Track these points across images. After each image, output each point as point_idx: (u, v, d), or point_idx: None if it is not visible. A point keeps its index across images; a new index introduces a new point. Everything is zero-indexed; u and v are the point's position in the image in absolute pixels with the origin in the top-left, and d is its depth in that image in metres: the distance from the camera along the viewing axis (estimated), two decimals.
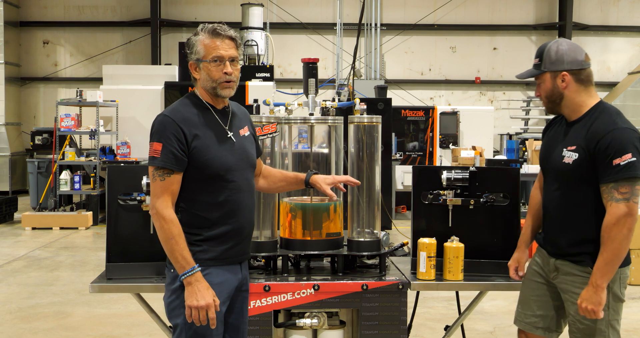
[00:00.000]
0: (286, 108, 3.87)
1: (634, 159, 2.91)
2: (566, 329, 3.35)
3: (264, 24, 15.13)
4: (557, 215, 3.22)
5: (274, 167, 3.61)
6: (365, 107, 3.88)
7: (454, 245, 3.56)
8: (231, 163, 2.91)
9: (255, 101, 4.24)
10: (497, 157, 13.41)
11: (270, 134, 3.58)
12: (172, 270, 2.89)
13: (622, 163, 2.91)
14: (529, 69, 3.26)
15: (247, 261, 3.13)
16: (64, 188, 11.78)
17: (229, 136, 2.95)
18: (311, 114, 3.80)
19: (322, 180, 3.35)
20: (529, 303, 3.43)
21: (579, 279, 3.14)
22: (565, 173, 3.12)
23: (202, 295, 2.78)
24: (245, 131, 3.05)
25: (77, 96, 12.31)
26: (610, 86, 17.60)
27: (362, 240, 3.64)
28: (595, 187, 3.03)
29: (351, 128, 3.71)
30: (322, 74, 16.86)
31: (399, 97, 17.20)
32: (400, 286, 3.49)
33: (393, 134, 12.20)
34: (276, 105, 3.86)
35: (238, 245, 2.97)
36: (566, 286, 3.21)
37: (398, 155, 13.20)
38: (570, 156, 3.09)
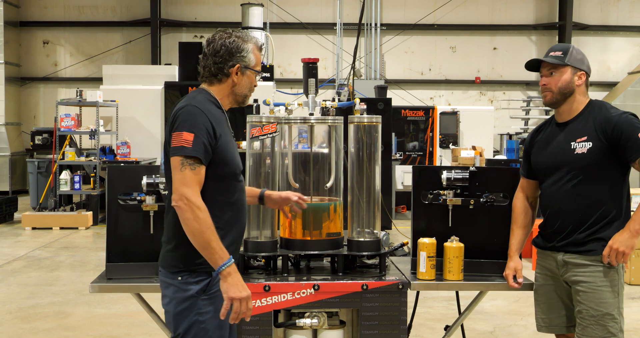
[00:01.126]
0: (286, 108, 3.87)
1: None
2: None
3: (264, 24, 15.13)
4: (572, 208, 3.31)
5: (274, 167, 3.62)
6: (365, 107, 3.88)
7: (454, 245, 3.56)
8: (240, 163, 2.95)
9: (256, 101, 4.24)
10: (497, 157, 13.43)
11: (270, 134, 3.58)
12: (179, 278, 2.80)
13: None
14: (549, 57, 3.37)
15: None
16: (64, 188, 11.78)
17: (233, 136, 3.00)
18: (311, 114, 3.80)
19: (275, 196, 3.33)
20: (553, 307, 3.48)
21: (591, 268, 3.28)
22: (581, 163, 3.28)
23: (243, 286, 2.72)
24: None
25: (77, 96, 12.31)
26: (610, 85, 17.61)
27: (362, 239, 3.64)
28: (611, 174, 3.25)
29: (351, 127, 3.71)
30: (322, 74, 16.86)
31: (399, 97, 17.20)
32: (400, 286, 3.49)
33: (393, 134, 12.20)
34: (276, 105, 3.85)
35: (238, 243, 3.02)
36: (577, 278, 3.30)
37: (398, 155, 13.20)
38: (583, 146, 3.28)
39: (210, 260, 2.70)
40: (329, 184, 3.67)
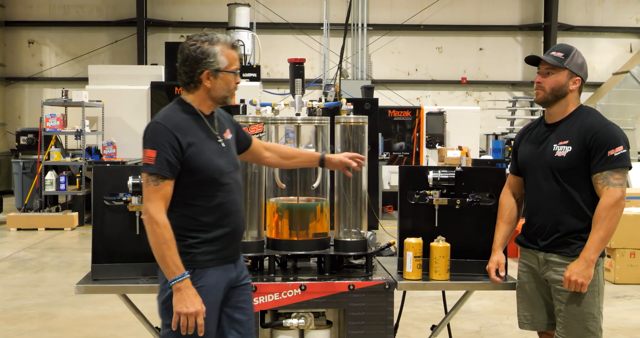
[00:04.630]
0: (273, 108, 3.87)
1: (625, 150, 3.24)
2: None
3: (251, 24, 15.10)
4: (551, 209, 3.34)
5: (260, 167, 3.61)
6: (352, 107, 3.89)
7: (440, 245, 3.58)
8: (223, 167, 2.95)
9: (242, 101, 4.24)
10: (483, 157, 13.49)
11: (256, 134, 3.58)
12: None
13: (615, 154, 3.22)
14: (549, 56, 3.39)
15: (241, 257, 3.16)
16: (50, 189, 11.70)
17: (219, 141, 2.99)
18: (298, 115, 3.80)
19: (335, 159, 3.44)
20: (535, 304, 3.50)
21: None
22: (559, 166, 3.31)
23: (192, 302, 2.79)
24: (228, 135, 3.08)
25: (62, 96, 12.22)
26: (595, 86, 17.71)
27: (349, 240, 3.65)
28: (589, 179, 3.26)
29: (338, 128, 3.71)
30: (309, 74, 16.83)
31: (385, 98, 17.22)
32: (387, 286, 3.50)
33: (380, 134, 12.21)
34: (263, 105, 3.86)
35: (233, 244, 3.02)
36: (557, 277, 3.33)
37: (385, 155, 13.22)
38: (563, 149, 3.31)
39: (165, 272, 2.82)
40: (315, 185, 3.68)
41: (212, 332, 2.95)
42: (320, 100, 3.97)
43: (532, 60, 3.46)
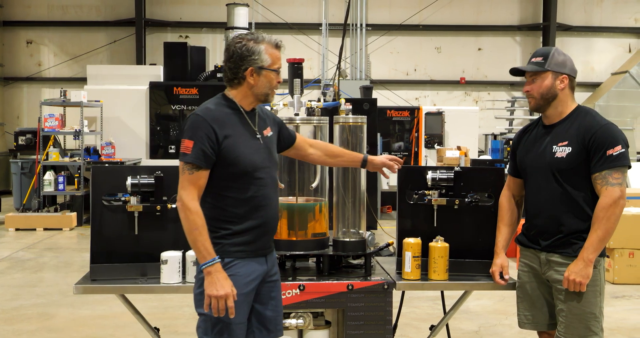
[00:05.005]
0: (271, 108, 3.87)
1: (624, 150, 3.25)
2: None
3: (250, 24, 15.10)
4: (553, 210, 3.34)
5: None
6: (350, 107, 3.89)
7: (439, 245, 3.57)
8: (258, 161, 3.05)
9: None
10: (482, 157, 13.49)
11: None
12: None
13: (614, 154, 3.23)
14: (530, 64, 3.40)
15: (273, 252, 3.23)
16: (48, 189, 11.69)
17: (257, 136, 3.09)
18: (296, 115, 3.80)
19: (377, 161, 3.56)
20: (535, 304, 3.50)
21: None
22: (560, 167, 3.31)
23: (222, 285, 2.89)
24: (268, 132, 3.18)
25: (61, 96, 12.21)
26: (593, 86, 17.72)
27: (348, 240, 3.65)
28: (589, 179, 3.27)
29: (336, 128, 3.71)
30: (308, 74, 16.84)
31: (384, 98, 17.22)
32: (386, 286, 3.50)
33: (378, 134, 12.21)
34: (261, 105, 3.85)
35: (264, 237, 3.10)
36: (558, 277, 3.33)
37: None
38: (562, 150, 3.31)
39: (197, 257, 2.96)
40: (314, 185, 3.68)
41: (243, 323, 3.03)
42: (319, 100, 3.97)
43: (516, 71, 3.47)
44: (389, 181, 12.83)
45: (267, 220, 3.09)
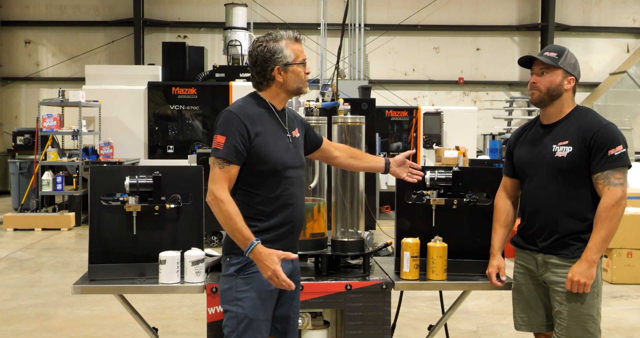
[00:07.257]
0: None
1: (624, 150, 3.25)
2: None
3: (248, 24, 15.09)
4: (551, 210, 3.34)
5: None
6: (349, 107, 3.89)
7: (438, 245, 3.57)
8: (287, 161, 3.09)
9: None
10: (480, 157, 13.50)
11: None
12: (227, 259, 3.08)
13: (616, 153, 3.23)
14: (545, 56, 3.38)
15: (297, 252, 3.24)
16: (46, 189, 11.67)
17: (287, 135, 3.12)
18: None
19: (397, 167, 3.56)
20: (531, 306, 3.50)
21: (569, 269, 3.29)
22: (560, 166, 3.31)
23: (267, 266, 2.90)
24: (296, 133, 3.21)
25: (59, 96, 12.20)
26: (592, 86, 17.74)
27: (346, 240, 3.65)
28: (589, 179, 3.27)
29: (335, 128, 3.71)
30: None
31: (382, 98, 17.23)
32: (384, 286, 3.50)
33: (377, 134, 12.21)
34: None
35: (290, 236, 3.12)
36: (556, 279, 3.32)
37: (382, 155, 13.22)
38: (563, 150, 3.31)
39: (239, 244, 2.97)
40: (312, 185, 3.68)
41: (268, 320, 3.06)
42: (317, 100, 3.97)
43: (525, 61, 3.45)
44: (388, 181, 12.83)
45: (294, 219, 3.12)
